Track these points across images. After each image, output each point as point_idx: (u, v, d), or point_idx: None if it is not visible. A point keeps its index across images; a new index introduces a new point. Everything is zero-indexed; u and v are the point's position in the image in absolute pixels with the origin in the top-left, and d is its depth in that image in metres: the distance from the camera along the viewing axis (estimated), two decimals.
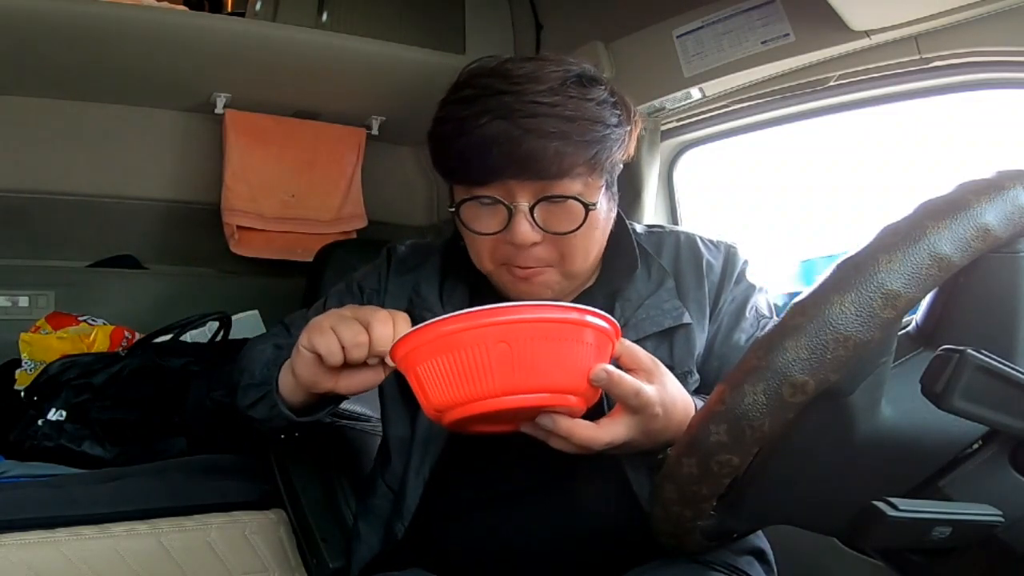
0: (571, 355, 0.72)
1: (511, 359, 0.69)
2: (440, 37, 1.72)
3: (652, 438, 0.79)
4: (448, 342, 0.70)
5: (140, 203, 1.86)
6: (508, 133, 0.82)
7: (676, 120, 1.60)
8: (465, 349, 0.70)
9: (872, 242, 0.53)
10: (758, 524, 0.80)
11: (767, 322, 0.98)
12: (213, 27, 1.54)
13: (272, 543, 1.32)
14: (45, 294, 1.87)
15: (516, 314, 0.70)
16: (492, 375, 0.69)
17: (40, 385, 1.54)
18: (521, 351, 0.69)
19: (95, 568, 1.19)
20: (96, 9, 1.41)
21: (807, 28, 1.24)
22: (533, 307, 0.71)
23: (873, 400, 0.57)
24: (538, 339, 0.70)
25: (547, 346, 0.70)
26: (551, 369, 0.71)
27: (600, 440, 0.75)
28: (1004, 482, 0.58)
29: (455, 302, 0.99)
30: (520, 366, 0.69)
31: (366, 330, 0.80)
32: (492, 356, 0.69)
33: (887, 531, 0.53)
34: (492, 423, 0.78)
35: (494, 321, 0.69)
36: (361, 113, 1.87)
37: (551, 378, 0.71)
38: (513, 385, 0.70)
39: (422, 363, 0.73)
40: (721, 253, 1.01)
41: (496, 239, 0.88)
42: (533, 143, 0.82)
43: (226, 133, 1.77)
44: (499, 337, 0.69)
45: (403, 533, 0.96)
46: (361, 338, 0.80)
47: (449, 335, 0.70)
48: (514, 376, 0.70)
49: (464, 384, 0.70)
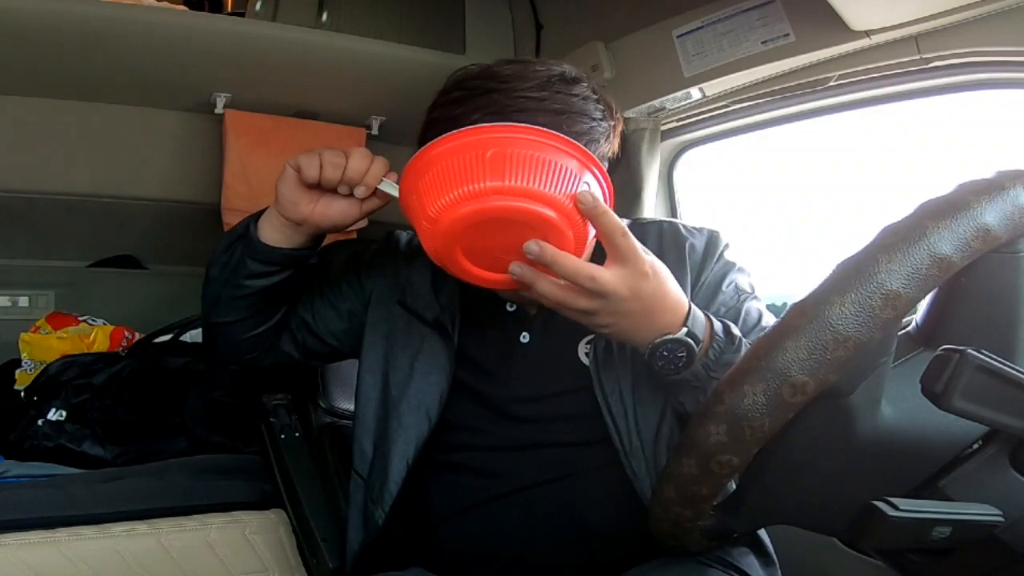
0: (562, 174, 0.76)
1: (502, 162, 0.75)
2: (440, 37, 1.72)
3: (639, 311, 0.77)
4: (456, 145, 0.77)
5: (140, 203, 1.86)
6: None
7: (676, 120, 1.60)
8: (465, 152, 0.76)
9: (872, 242, 0.53)
10: (758, 524, 0.80)
11: (747, 296, 0.99)
12: (213, 27, 1.54)
13: (272, 543, 1.32)
14: (45, 294, 1.87)
15: (514, 131, 0.77)
16: (484, 175, 0.75)
17: (40, 385, 1.54)
18: (513, 157, 0.75)
19: (95, 568, 1.19)
20: (96, 9, 1.41)
21: (807, 28, 1.24)
22: (532, 129, 0.77)
23: (873, 400, 0.57)
24: (531, 149, 0.76)
25: (538, 158, 0.75)
26: (539, 179, 0.75)
27: (584, 272, 0.74)
28: (1004, 482, 0.58)
29: (446, 294, 1.01)
30: (513, 170, 0.75)
31: (345, 158, 0.88)
32: (490, 158, 0.75)
33: (887, 531, 0.53)
34: (481, 254, 0.80)
35: (496, 131, 0.77)
36: (361, 113, 1.86)
37: (539, 186, 0.75)
38: (502, 186, 0.75)
39: (424, 175, 0.78)
40: (703, 236, 1.03)
41: None
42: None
43: (226, 133, 1.77)
44: (493, 143, 0.76)
45: (384, 519, 0.97)
46: (338, 159, 0.88)
47: (461, 135, 0.77)
48: (504, 176, 0.75)
49: (459, 184, 0.75)
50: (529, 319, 1.01)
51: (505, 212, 0.75)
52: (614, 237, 0.75)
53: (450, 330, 0.99)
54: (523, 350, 0.99)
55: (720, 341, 0.81)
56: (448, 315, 1.00)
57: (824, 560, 1.20)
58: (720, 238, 1.04)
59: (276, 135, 1.82)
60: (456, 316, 1.01)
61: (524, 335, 1.00)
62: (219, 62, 1.61)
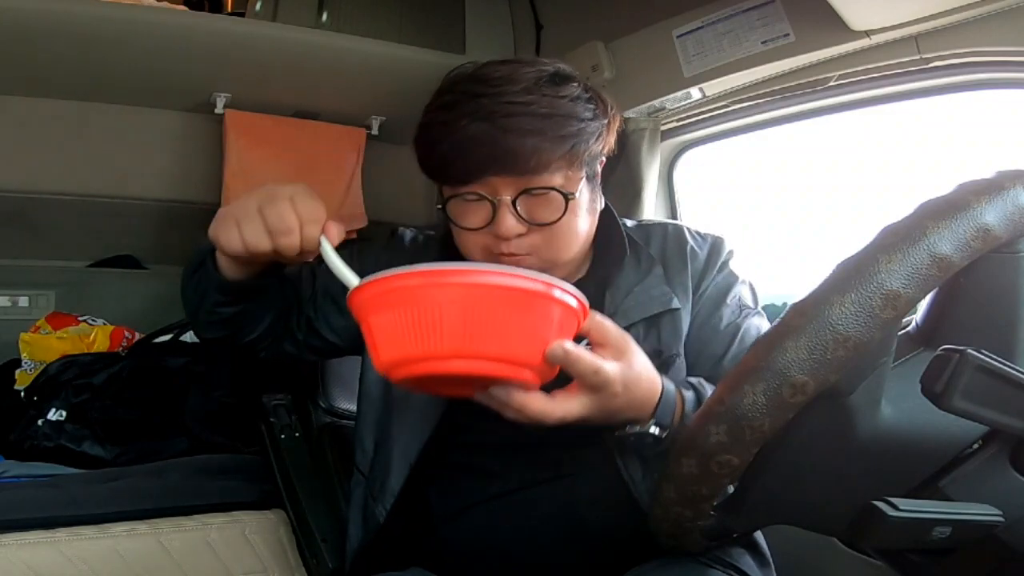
0: (531, 327, 0.69)
1: (465, 322, 0.66)
2: (440, 37, 1.72)
3: (610, 416, 0.79)
4: (405, 296, 0.68)
5: (140, 203, 1.86)
6: (488, 134, 0.86)
7: (676, 120, 1.60)
8: (420, 305, 0.67)
9: (872, 242, 0.53)
10: (758, 524, 0.80)
11: (749, 312, 1.00)
12: (213, 27, 1.54)
13: (272, 543, 1.32)
14: (45, 294, 1.87)
15: (478, 276, 0.67)
16: (444, 336, 0.66)
17: (40, 385, 1.54)
18: (478, 315, 0.66)
19: (95, 568, 1.19)
20: (96, 10, 1.41)
21: (807, 28, 1.24)
22: (497, 272, 0.68)
23: (873, 400, 0.57)
24: (497, 305, 0.67)
25: (506, 314, 0.67)
26: (507, 339, 0.68)
27: (553, 415, 0.74)
28: (1004, 482, 0.58)
29: None
30: (475, 331, 0.67)
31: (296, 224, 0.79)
32: (446, 316, 0.66)
33: (887, 531, 0.53)
34: (443, 386, 0.76)
35: (454, 281, 0.67)
36: (361, 113, 1.86)
37: (506, 348, 0.68)
38: (465, 349, 0.67)
39: (376, 314, 0.70)
40: (707, 243, 1.04)
41: (484, 233, 0.91)
42: (512, 141, 0.86)
43: (226, 133, 1.77)
44: (456, 297, 0.66)
45: (384, 517, 0.97)
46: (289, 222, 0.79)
47: (406, 289, 0.68)
48: (467, 340, 0.67)
49: (415, 341, 0.67)
50: None
51: (467, 372, 0.69)
52: (587, 379, 0.74)
53: None
54: None
55: (689, 418, 0.82)
56: None
57: (824, 560, 1.20)
58: (724, 245, 1.04)
59: (276, 135, 1.83)
60: None
61: None
62: (219, 62, 1.61)
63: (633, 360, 0.78)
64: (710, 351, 0.98)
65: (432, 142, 0.91)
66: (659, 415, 0.81)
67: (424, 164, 0.94)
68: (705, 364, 0.98)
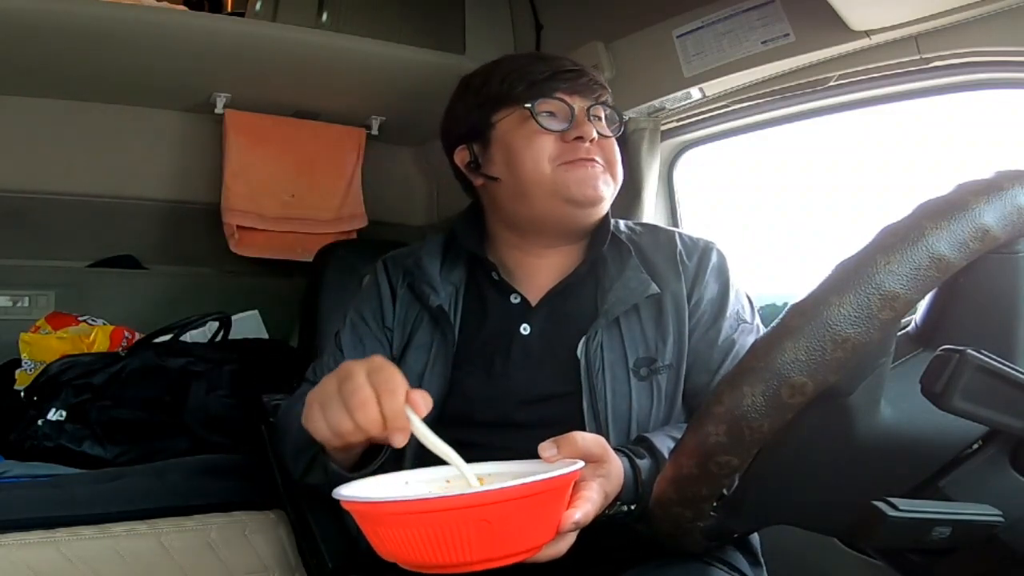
0: (552, 514, 0.70)
1: (492, 533, 0.65)
2: (440, 37, 1.72)
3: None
4: (426, 519, 0.65)
5: (140, 203, 1.86)
6: (569, 67, 1.03)
7: (676, 120, 1.60)
8: (443, 527, 0.64)
9: (871, 243, 0.53)
10: (758, 524, 0.80)
11: (747, 328, 1.01)
12: (213, 27, 1.54)
13: (272, 543, 1.32)
14: (45, 294, 1.87)
15: (501, 495, 0.65)
16: (470, 548, 0.65)
17: (40, 385, 1.54)
18: (503, 525, 0.65)
19: (95, 568, 1.19)
20: (96, 9, 1.41)
21: (807, 28, 1.24)
22: (519, 486, 0.66)
23: (872, 401, 0.57)
24: (522, 512, 0.67)
25: (530, 513, 0.67)
26: (531, 531, 0.69)
27: (562, 551, 0.74)
28: (1004, 482, 0.58)
29: (452, 279, 1.05)
30: (501, 538, 0.66)
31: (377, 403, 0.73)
32: (472, 532, 0.65)
33: (887, 531, 0.53)
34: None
35: (477, 502, 0.65)
36: (361, 113, 1.86)
37: (530, 539, 0.69)
38: (491, 554, 0.66)
39: (384, 527, 0.67)
40: (698, 248, 1.05)
41: (557, 140, 0.99)
42: (585, 74, 1.03)
43: (226, 133, 1.77)
44: (482, 516, 0.65)
45: None
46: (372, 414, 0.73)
47: (429, 513, 0.64)
48: (493, 547, 0.66)
49: (437, 553, 0.65)
50: (531, 310, 1.02)
51: (491, 566, 0.68)
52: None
53: (451, 319, 1.01)
54: (523, 341, 1.00)
55: (646, 486, 0.82)
56: (451, 302, 1.02)
57: (823, 560, 1.20)
58: (714, 251, 1.05)
59: (276, 135, 1.83)
60: (459, 304, 1.03)
61: (525, 327, 1.01)
62: (219, 62, 1.61)
63: (611, 469, 0.79)
64: (706, 363, 0.99)
65: (521, 68, 1.03)
66: (624, 495, 0.82)
67: (507, 89, 1.02)
68: (700, 376, 0.99)
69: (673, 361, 0.98)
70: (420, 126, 1.83)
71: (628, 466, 0.83)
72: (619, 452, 0.83)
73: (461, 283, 1.05)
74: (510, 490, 0.65)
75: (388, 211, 2.03)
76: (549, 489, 0.69)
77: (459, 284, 1.05)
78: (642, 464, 0.84)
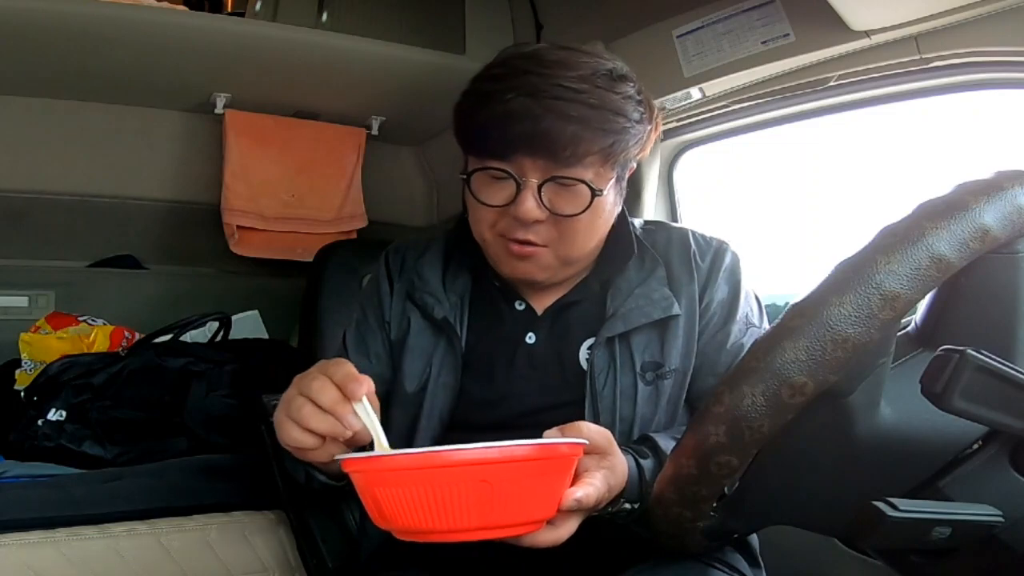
0: (553, 487, 0.70)
1: (491, 497, 0.65)
2: (440, 37, 1.72)
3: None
4: (422, 476, 0.65)
5: (140, 203, 1.86)
6: (530, 110, 0.84)
7: (676, 120, 1.60)
8: (441, 485, 0.64)
9: (871, 243, 0.53)
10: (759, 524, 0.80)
11: (756, 332, 0.99)
12: (213, 27, 1.54)
13: (272, 543, 1.32)
14: (45, 294, 1.87)
15: (501, 454, 0.66)
16: (468, 512, 0.65)
17: (40, 385, 1.54)
18: (501, 490, 0.65)
19: (95, 568, 1.19)
20: (96, 9, 1.41)
21: (807, 28, 1.23)
22: (520, 447, 0.67)
23: (872, 401, 0.57)
24: (522, 477, 0.66)
25: (530, 483, 0.67)
26: (530, 502, 0.69)
27: (562, 538, 0.75)
28: (1004, 482, 0.58)
29: (457, 289, 1.01)
30: (500, 503, 0.66)
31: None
32: (471, 494, 0.65)
33: (887, 531, 0.53)
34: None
35: (477, 459, 0.65)
36: (361, 113, 1.86)
37: (529, 511, 0.69)
38: (488, 521, 0.67)
39: (383, 487, 0.67)
40: (711, 248, 1.02)
41: (500, 213, 0.89)
42: (552, 123, 0.84)
43: (226, 133, 1.77)
44: (481, 476, 0.65)
45: None
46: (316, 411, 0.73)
47: (424, 469, 0.65)
48: (491, 514, 0.66)
49: (433, 517, 0.65)
50: (537, 319, 1.00)
51: (487, 536, 0.69)
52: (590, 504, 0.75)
53: (458, 330, 0.99)
54: (528, 350, 0.99)
55: (648, 485, 0.81)
56: (456, 313, 1.00)
57: (823, 560, 1.20)
58: (727, 252, 1.01)
59: (276, 135, 1.83)
60: (464, 315, 1.00)
61: (530, 335, 0.99)
62: (219, 62, 1.61)
63: (615, 462, 0.79)
64: (712, 367, 0.97)
65: (471, 110, 0.89)
66: (628, 493, 0.81)
67: (458, 132, 0.92)
68: (706, 379, 0.97)
69: (680, 365, 0.96)
70: (420, 126, 1.83)
71: (633, 464, 0.83)
72: (624, 450, 0.83)
73: (466, 292, 1.01)
74: (511, 449, 0.65)
75: (388, 211, 2.03)
76: (551, 456, 0.69)
77: (464, 294, 1.01)
78: (646, 464, 0.84)
